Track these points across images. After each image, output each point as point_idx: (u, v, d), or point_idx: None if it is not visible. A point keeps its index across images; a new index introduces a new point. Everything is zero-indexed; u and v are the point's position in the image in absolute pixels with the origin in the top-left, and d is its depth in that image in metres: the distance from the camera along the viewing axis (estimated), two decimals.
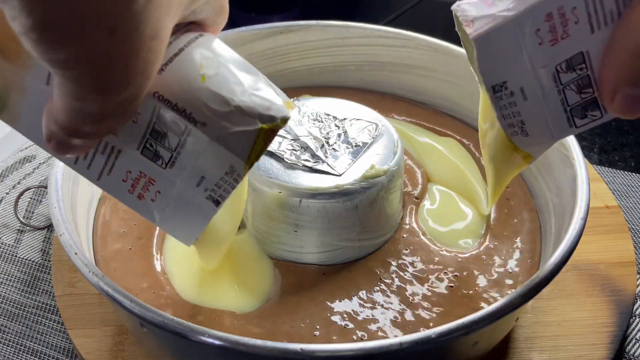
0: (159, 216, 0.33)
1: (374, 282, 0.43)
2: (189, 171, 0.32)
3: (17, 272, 0.51)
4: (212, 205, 0.32)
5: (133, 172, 0.32)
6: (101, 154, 0.32)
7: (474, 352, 0.40)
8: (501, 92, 0.34)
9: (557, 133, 0.35)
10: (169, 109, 0.30)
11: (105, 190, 0.34)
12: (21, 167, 0.60)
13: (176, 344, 0.37)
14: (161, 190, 0.32)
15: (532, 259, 0.46)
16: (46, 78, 0.30)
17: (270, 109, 0.31)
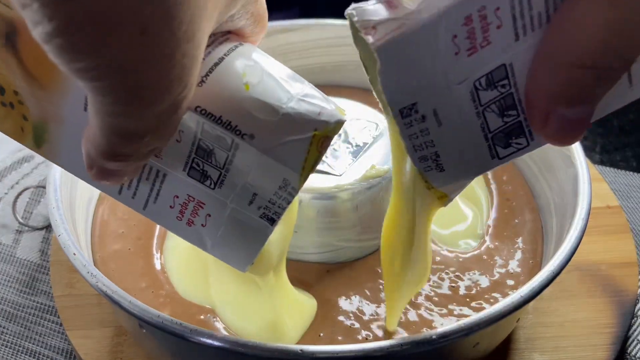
0: (210, 242, 0.31)
1: (377, 281, 0.43)
2: (240, 189, 0.29)
3: (15, 273, 0.51)
4: (266, 224, 0.30)
5: (180, 196, 0.30)
6: (146, 180, 0.30)
7: (475, 353, 0.39)
8: (410, 116, 0.27)
9: (476, 167, 0.29)
10: (213, 123, 0.28)
11: (153, 219, 0.31)
12: (19, 167, 0.60)
13: (175, 345, 0.37)
14: (211, 213, 0.30)
15: (533, 259, 0.45)
16: (83, 102, 0.28)
17: (321, 113, 0.28)
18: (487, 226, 0.48)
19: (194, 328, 0.33)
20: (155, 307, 0.40)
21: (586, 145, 0.67)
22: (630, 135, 0.69)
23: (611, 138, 0.69)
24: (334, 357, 0.33)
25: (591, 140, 0.68)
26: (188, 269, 0.44)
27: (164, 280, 0.43)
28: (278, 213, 0.30)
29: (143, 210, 0.31)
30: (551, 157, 0.48)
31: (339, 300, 0.42)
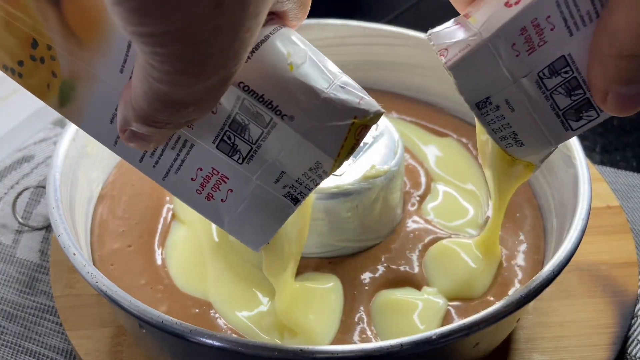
0: (227, 218, 0.31)
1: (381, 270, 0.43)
2: (268, 166, 0.29)
3: (15, 273, 0.51)
4: (290, 203, 0.30)
5: (205, 169, 0.30)
6: (171, 149, 0.29)
7: (475, 353, 0.39)
8: (486, 107, 0.33)
9: (554, 139, 0.34)
10: (254, 100, 0.28)
11: (169, 190, 0.31)
12: (19, 167, 0.60)
13: (175, 344, 0.37)
14: (234, 189, 0.30)
15: (537, 255, 0.45)
16: (121, 65, 0.28)
17: (361, 102, 0.29)
18: (487, 217, 0.48)
19: (193, 328, 0.33)
20: (153, 303, 0.41)
21: (586, 145, 0.67)
22: (631, 135, 0.69)
23: (611, 138, 0.69)
24: (334, 357, 0.33)
25: (591, 140, 0.68)
26: (187, 263, 0.44)
27: (164, 276, 0.43)
28: (303, 193, 0.30)
29: (162, 180, 0.31)
30: (551, 157, 0.48)
31: None
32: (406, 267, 0.43)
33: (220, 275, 0.43)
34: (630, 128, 0.70)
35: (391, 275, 0.43)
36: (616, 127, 0.70)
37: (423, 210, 0.48)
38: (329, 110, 0.28)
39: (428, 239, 0.45)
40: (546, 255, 0.46)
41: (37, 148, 0.62)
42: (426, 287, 0.42)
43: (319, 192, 0.41)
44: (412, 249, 0.45)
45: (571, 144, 0.45)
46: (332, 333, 0.40)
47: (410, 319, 0.40)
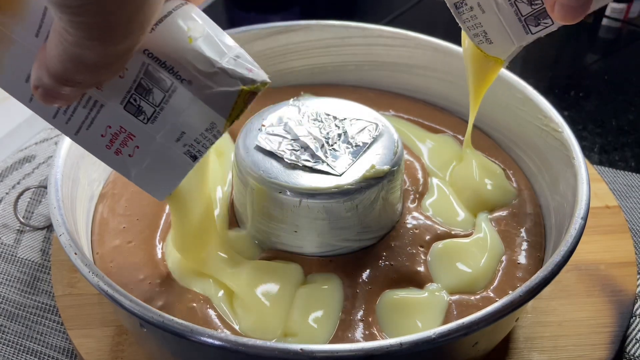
0: (134, 171, 0.35)
1: (382, 268, 0.44)
2: (170, 126, 0.33)
3: (16, 273, 0.51)
4: (189, 160, 0.34)
5: (113, 126, 0.33)
6: (82, 108, 0.33)
7: (474, 352, 0.40)
8: (462, 7, 0.40)
9: (516, 39, 0.41)
10: (157, 66, 0.31)
11: (82, 145, 0.34)
12: (21, 167, 0.60)
13: (176, 344, 0.37)
14: (140, 146, 0.34)
15: (539, 252, 0.46)
16: (36, 30, 0.31)
17: (251, 72, 0.32)
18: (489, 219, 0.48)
19: (194, 327, 0.33)
20: (150, 297, 0.41)
21: (585, 145, 0.67)
22: (629, 136, 0.69)
23: (610, 138, 0.69)
24: (333, 357, 0.33)
25: (590, 140, 0.68)
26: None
27: (162, 270, 0.43)
28: (201, 151, 0.34)
29: (75, 135, 0.34)
30: (550, 157, 0.48)
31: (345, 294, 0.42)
32: (407, 264, 0.44)
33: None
34: (629, 129, 0.70)
35: (393, 272, 0.43)
36: (614, 128, 0.70)
37: (422, 207, 0.48)
38: (221, 77, 0.32)
39: (428, 236, 0.46)
40: (546, 254, 0.46)
41: (38, 148, 0.62)
42: (429, 284, 0.43)
43: (319, 192, 0.41)
44: (413, 245, 0.45)
45: (570, 144, 0.46)
46: (331, 331, 0.40)
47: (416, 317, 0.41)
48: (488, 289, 0.43)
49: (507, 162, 0.53)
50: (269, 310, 0.41)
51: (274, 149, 0.43)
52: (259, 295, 0.41)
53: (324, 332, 0.40)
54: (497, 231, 0.47)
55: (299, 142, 0.44)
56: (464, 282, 0.43)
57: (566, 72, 0.84)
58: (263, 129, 0.45)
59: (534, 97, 0.51)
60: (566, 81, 0.81)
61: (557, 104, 0.49)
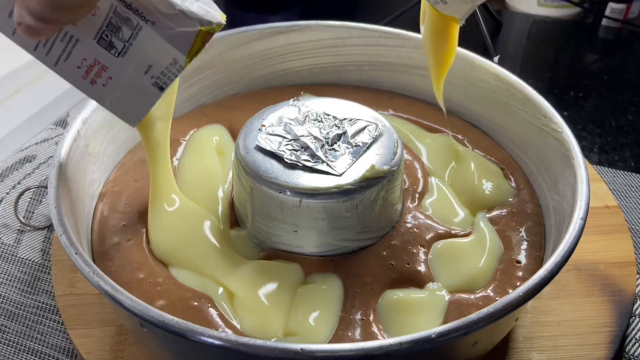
0: (108, 99, 0.39)
1: (382, 268, 0.44)
2: (139, 60, 0.37)
3: (17, 272, 0.51)
4: (157, 91, 0.39)
5: (88, 59, 0.37)
6: (60, 42, 0.37)
7: (474, 352, 0.40)
8: None
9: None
10: (124, 7, 0.36)
11: (61, 75, 0.38)
12: (21, 167, 0.60)
13: (176, 343, 0.37)
14: (112, 77, 0.38)
15: (539, 252, 0.46)
16: None
17: (207, 15, 0.37)
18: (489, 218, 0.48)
19: (195, 327, 0.33)
20: (152, 297, 0.41)
21: (584, 145, 0.67)
22: (629, 136, 0.69)
23: (609, 138, 0.69)
24: (334, 356, 0.33)
25: (590, 140, 0.68)
26: (162, 225, 0.45)
27: (163, 269, 0.43)
28: (167, 83, 0.39)
29: (54, 66, 0.38)
30: (550, 157, 0.49)
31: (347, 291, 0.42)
32: (407, 264, 0.44)
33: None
34: (628, 129, 0.70)
35: (393, 271, 0.43)
36: (614, 128, 0.70)
37: (422, 206, 0.48)
38: (181, 19, 0.36)
39: (428, 235, 0.46)
40: (546, 253, 0.46)
41: (38, 148, 0.62)
42: (429, 283, 0.43)
43: (319, 192, 0.42)
44: (413, 245, 0.45)
45: (569, 144, 0.46)
46: (330, 331, 0.40)
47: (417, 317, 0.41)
48: (488, 288, 0.43)
49: (507, 161, 0.53)
50: (270, 310, 0.41)
51: (274, 149, 0.44)
52: (260, 296, 0.41)
53: (323, 332, 0.40)
54: (497, 230, 0.47)
55: (299, 142, 0.44)
56: (463, 282, 0.43)
57: (566, 72, 0.84)
58: (263, 129, 0.45)
59: (534, 97, 0.51)
60: (566, 81, 0.81)
61: (557, 104, 0.49)
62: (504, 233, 0.47)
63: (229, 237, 0.46)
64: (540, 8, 1.16)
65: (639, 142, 0.68)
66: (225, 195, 0.49)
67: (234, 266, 0.43)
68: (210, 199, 0.48)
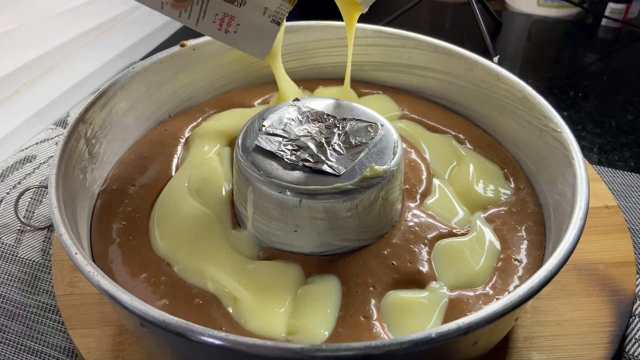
0: (241, 42, 0.46)
1: (383, 267, 0.44)
2: (255, 6, 0.45)
3: (17, 272, 0.51)
4: (275, 26, 0.46)
5: (219, 14, 0.45)
6: (196, 5, 0.45)
7: (474, 351, 0.40)
8: None
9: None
10: None
11: (202, 31, 0.46)
12: (21, 167, 0.60)
13: (176, 343, 0.37)
14: (240, 23, 0.45)
15: (539, 251, 0.46)
16: None
17: None
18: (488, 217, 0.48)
19: (195, 327, 0.34)
20: (155, 297, 0.41)
21: (584, 145, 0.68)
22: (628, 136, 0.69)
23: (609, 138, 0.69)
24: (334, 356, 0.33)
25: (589, 140, 0.68)
26: (172, 229, 0.45)
27: (165, 268, 0.43)
28: (281, 18, 0.46)
29: (196, 25, 0.45)
30: (550, 157, 0.49)
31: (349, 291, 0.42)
32: (408, 263, 0.44)
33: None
34: (628, 129, 0.70)
35: (393, 271, 0.43)
36: (613, 128, 0.70)
37: (423, 206, 0.49)
38: None
39: (429, 235, 0.46)
40: (546, 253, 0.46)
41: (39, 148, 0.62)
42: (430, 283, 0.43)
43: (319, 192, 0.42)
44: (414, 244, 0.45)
45: (569, 144, 0.46)
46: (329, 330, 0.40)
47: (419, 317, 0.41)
48: (488, 287, 0.43)
49: (507, 161, 0.53)
50: (271, 310, 0.41)
51: (274, 149, 0.44)
52: (261, 296, 0.41)
53: (323, 331, 0.40)
54: (497, 229, 0.47)
55: (299, 142, 0.44)
56: (463, 281, 0.43)
57: (565, 72, 0.84)
58: (263, 129, 0.46)
59: (534, 97, 0.51)
60: (565, 81, 0.81)
61: (557, 104, 0.49)
62: (504, 232, 0.47)
63: (230, 237, 0.46)
64: (540, 8, 1.17)
65: (638, 142, 0.68)
66: (226, 196, 0.49)
67: (234, 266, 0.43)
68: (213, 199, 0.48)
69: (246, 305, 0.41)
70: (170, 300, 0.41)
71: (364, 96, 0.60)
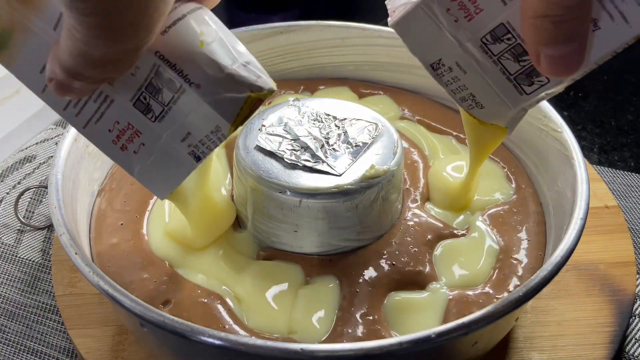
0: (138, 168, 0.35)
1: (383, 267, 0.44)
2: (177, 126, 0.34)
3: (17, 272, 0.51)
4: (192, 161, 0.35)
5: (121, 122, 0.34)
6: (93, 102, 0.34)
7: (474, 351, 0.40)
8: (440, 68, 0.36)
9: (511, 102, 0.36)
10: (167, 68, 0.32)
11: (88, 138, 0.35)
12: (21, 167, 0.60)
13: (176, 343, 0.37)
14: (145, 143, 0.34)
15: (540, 251, 0.46)
16: (54, 23, 0.32)
17: (259, 80, 0.33)
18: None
19: (195, 327, 0.34)
20: (158, 296, 0.41)
21: (584, 145, 0.67)
22: (628, 136, 0.69)
23: (609, 138, 0.69)
24: (334, 356, 0.33)
25: (589, 140, 0.68)
26: (162, 228, 0.45)
27: (167, 267, 0.43)
28: (205, 152, 0.35)
29: (82, 129, 0.35)
30: (550, 157, 0.49)
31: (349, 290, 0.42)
32: (408, 263, 0.44)
33: None
34: (628, 129, 0.70)
35: (393, 271, 0.43)
36: (614, 128, 0.70)
37: (423, 206, 0.48)
38: (230, 83, 0.32)
39: (429, 234, 0.46)
40: (547, 252, 0.46)
41: (38, 148, 0.62)
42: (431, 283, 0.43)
43: (319, 192, 0.42)
44: (414, 244, 0.45)
45: (569, 144, 0.46)
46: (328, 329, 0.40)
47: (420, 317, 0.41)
48: (488, 286, 0.43)
49: (508, 160, 0.53)
50: (272, 310, 0.41)
51: (274, 149, 0.44)
52: (262, 297, 0.41)
53: (322, 331, 0.40)
54: (498, 229, 0.47)
55: (299, 142, 0.44)
56: (464, 281, 0.43)
57: None
58: (263, 129, 0.45)
59: None
60: None
61: (557, 104, 0.49)
62: (505, 232, 0.47)
63: (230, 237, 0.46)
64: None
65: (638, 142, 0.68)
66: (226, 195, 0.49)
67: (235, 267, 0.43)
68: None
69: (247, 305, 0.41)
70: (174, 300, 0.41)
71: (364, 96, 0.60)
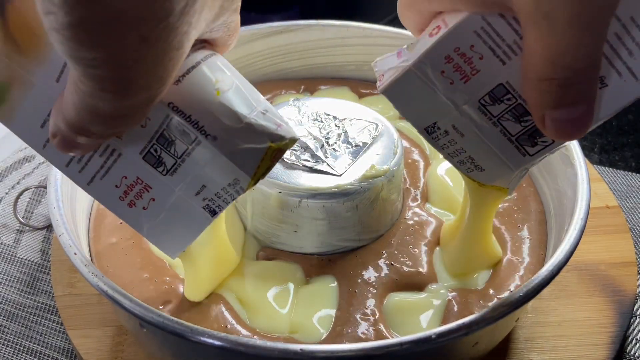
0: (147, 225, 0.33)
1: (382, 267, 0.44)
2: (191, 179, 0.31)
3: (16, 273, 0.51)
4: (207, 215, 0.32)
5: (129, 177, 0.32)
6: (99, 156, 0.31)
7: (474, 352, 0.40)
8: (435, 132, 0.34)
9: (513, 164, 0.34)
10: (181, 119, 0.30)
11: (93, 195, 0.33)
12: (20, 167, 0.60)
13: (176, 344, 0.37)
14: (156, 198, 0.32)
15: (541, 250, 0.46)
16: (57, 75, 0.30)
17: (279, 128, 0.31)
18: None
19: (194, 327, 0.33)
20: (159, 297, 0.41)
21: (585, 145, 0.67)
22: (629, 136, 0.69)
23: (610, 138, 0.69)
24: (333, 356, 0.33)
25: (590, 140, 0.68)
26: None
27: (168, 268, 0.43)
28: (221, 206, 0.32)
29: (87, 185, 0.32)
30: (551, 157, 0.48)
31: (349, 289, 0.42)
32: (407, 263, 0.43)
33: None
34: (629, 129, 0.70)
35: (392, 271, 0.43)
36: (614, 128, 0.70)
37: (423, 205, 0.48)
38: (249, 133, 0.30)
39: (429, 234, 0.46)
40: (547, 252, 0.46)
41: None
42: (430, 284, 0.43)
43: (319, 192, 0.42)
44: (414, 244, 0.45)
45: (570, 144, 0.46)
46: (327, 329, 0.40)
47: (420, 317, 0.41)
48: (489, 287, 0.43)
49: None
50: (274, 311, 0.41)
51: None
52: (263, 297, 0.41)
53: (322, 331, 0.40)
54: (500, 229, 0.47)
55: (299, 142, 0.44)
56: (464, 281, 0.43)
57: None
58: None
59: None
60: None
61: None
62: (507, 231, 0.47)
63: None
64: None
65: (639, 142, 0.68)
66: None
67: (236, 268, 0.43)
68: None
69: (248, 305, 0.41)
70: (175, 300, 0.41)
71: (364, 96, 0.60)
